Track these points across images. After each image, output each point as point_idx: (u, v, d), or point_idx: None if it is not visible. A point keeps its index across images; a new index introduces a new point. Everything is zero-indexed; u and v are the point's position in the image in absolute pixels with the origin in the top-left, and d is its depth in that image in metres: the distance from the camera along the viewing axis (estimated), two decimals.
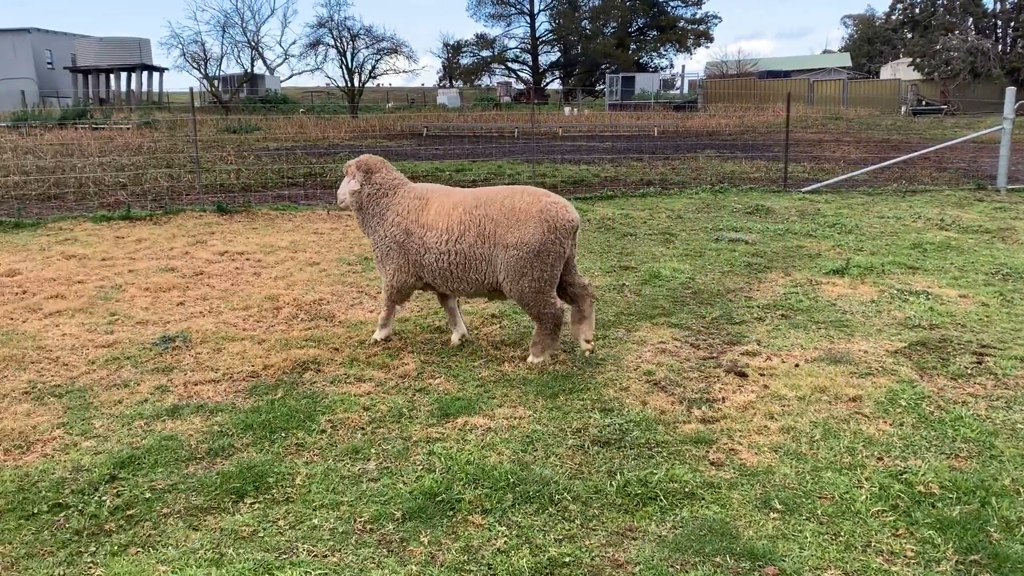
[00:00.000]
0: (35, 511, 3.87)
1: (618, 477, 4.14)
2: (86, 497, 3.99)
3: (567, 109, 48.50)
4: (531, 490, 4.01)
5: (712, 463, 4.33)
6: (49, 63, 58.81)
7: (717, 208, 12.37)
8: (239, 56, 51.86)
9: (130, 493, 4.03)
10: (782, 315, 6.92)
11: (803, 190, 14.18)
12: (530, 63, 78.20)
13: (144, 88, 55.58)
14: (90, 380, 5.52)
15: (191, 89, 15.72)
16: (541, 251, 5.56)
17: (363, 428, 4.79)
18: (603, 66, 72.91)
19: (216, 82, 50.35)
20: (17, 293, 7.58)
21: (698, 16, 76.73)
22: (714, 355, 5.95)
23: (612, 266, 8.61)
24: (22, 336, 6.36)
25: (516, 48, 78.48)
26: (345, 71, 47.79)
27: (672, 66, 79.76)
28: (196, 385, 5.44)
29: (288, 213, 11.86)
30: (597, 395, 5.21)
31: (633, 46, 77.15)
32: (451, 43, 76.56)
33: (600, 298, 7.42)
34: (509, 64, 78.60)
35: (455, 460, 4.32)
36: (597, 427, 4.73)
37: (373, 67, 49.16)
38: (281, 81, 59.41)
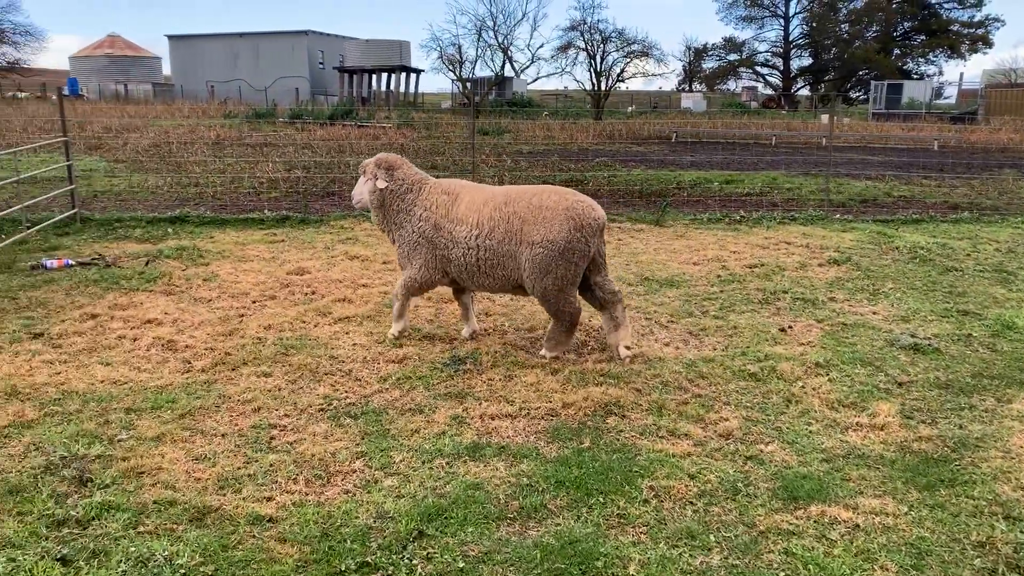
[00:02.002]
0: (342, 568, 3.43)
1: None
2: (394, 556, 3.50)
3: (824, 117, 45.22)
4: None
5: None
6: (320, 63, 63.92)
7: None
8: (492, 58, 53.26)
9: (441, 558, 3.50)
10: None
11: None
12: (780, 67, 74.25)
13: (402, 88, 58.77)
14: (384, 401, 5.17)
15: (463, 91, 15.77)
16: (566, 249, 5.57)
17: (692, 503, 4.00)
18: (860, 72, 67.66)
19: (468, 84, 52.11)
20: (307, 293, 7.57)
21: (976, 19, 68.93)
22: None
23: (946, 309, 7.22)
24: (315, 343, 6.20)
25: (766, 52, 74.87)
26: (593, 74, 47.59)
27: (941, 73, 72.45)
28: (493, 419, 4.91)
29: None
30: (990, 492, 4.06)
31: (896, 51, 70.84)
32: (694, 46, 74.45)
33: (944, 351, 6.14)
34: (757, 68, 75.14)
35: (826, 570, 3.41)
36: (1008, 544, 3.61)
37: (621, 70, 48.56)
38: (528, 84, 60.58)
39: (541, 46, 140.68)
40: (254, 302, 7.28)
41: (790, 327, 6.76)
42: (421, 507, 3.89)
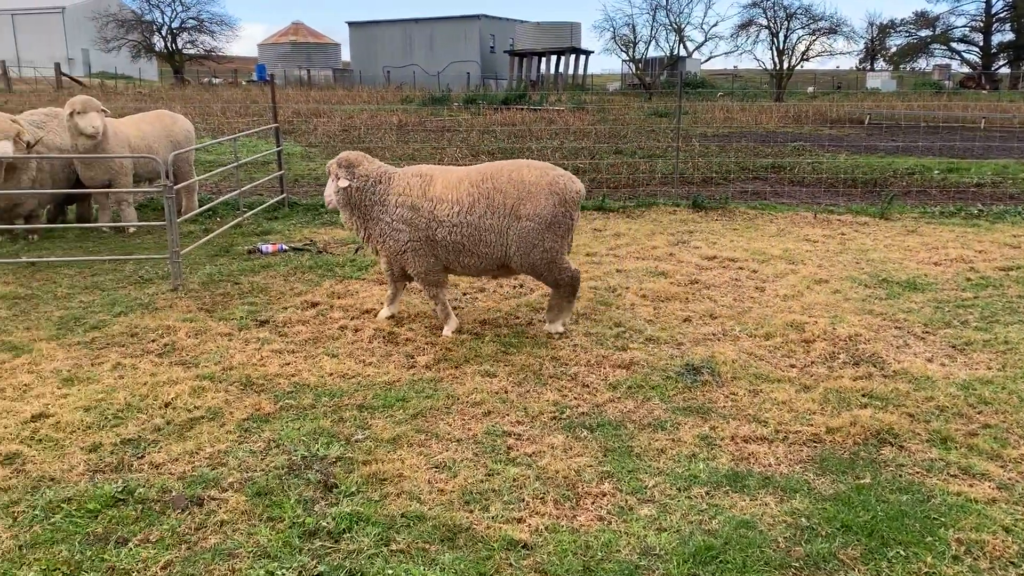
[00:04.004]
0: None
1: None
2: None
3: None
4: None
5: None
6: (491, 47, 64.50)
7: None
8: (667, 38, 51.66)
9: None
10: None
11: None
12: (980, 43, 67.94)
13: (571, 71, 58.30)
14: (618, 412, 4.77)
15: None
16: (552, 223, 5.65)
17: (1015, 563, 3.35)
18: None
19: (640, 64, 50.94)
20: (515, 287, 7.29)
21: None
22: None
23: None
24: (533, 341, 5.90)
25: (964, 27, 68.65)
26: (775, 52, 45.27)
27: None
28: (747, 442, 4.41)
29: (768, 213, 10.58)
30: None
31: None
32: (878, 22, 69.34)
33: None
34: (953, 45, 69.11)
35: None
36: None
37: (807, 48, 45.86)
38: (701, 64, 58.45)
39: (715, 24, 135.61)
40: (464, 294, 7.09)
41: None
42: (689, 545, 3.46)
